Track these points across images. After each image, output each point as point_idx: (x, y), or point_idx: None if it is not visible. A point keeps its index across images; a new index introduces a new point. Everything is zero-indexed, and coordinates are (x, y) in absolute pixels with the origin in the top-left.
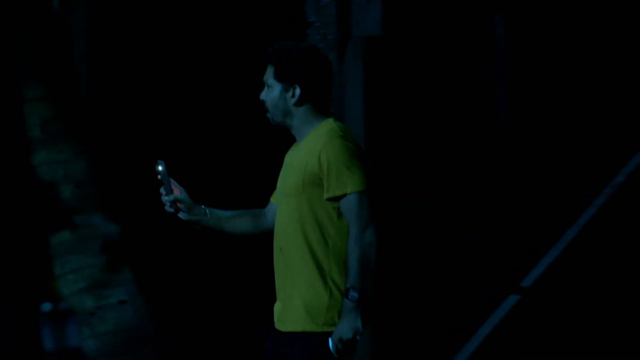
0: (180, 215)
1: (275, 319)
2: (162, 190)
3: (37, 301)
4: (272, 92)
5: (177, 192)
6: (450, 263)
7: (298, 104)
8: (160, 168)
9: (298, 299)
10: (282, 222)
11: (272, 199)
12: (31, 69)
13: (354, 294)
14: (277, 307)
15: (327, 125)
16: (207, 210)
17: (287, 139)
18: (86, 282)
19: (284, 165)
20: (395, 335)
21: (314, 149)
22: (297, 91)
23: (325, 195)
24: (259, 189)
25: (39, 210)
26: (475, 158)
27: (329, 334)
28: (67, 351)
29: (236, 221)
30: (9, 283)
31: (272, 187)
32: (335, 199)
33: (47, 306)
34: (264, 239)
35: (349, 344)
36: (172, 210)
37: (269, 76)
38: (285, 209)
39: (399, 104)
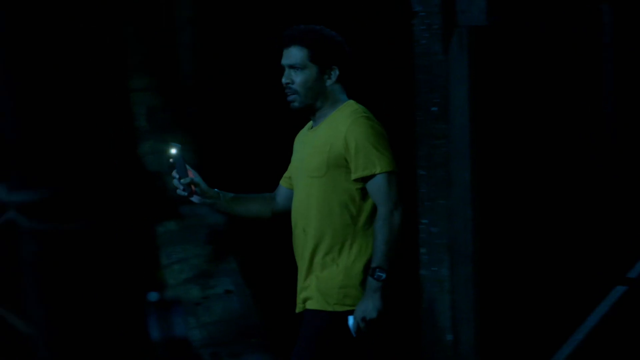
0: (194, 198)
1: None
2: (174, 174)
3: (143, 291)
4: (304, 75)
5: (191, 175)
6: (556, 255)
7: (333, 85)
8: (174, 151)
9: (313, 278)
10: (302, 203)
11: (282, 182)
12: (138, 58)
13: (380, 274)
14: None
15: (350, 107)
16: (220, 194)
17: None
18: (192, 272)
19: (297, 148)
20: (500, 326)
21: (338, 130)
22: (336, 72)
23: (353, 176)
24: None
25: (146, 200)
26: (582, 150)
27: (339, 313)
28: (173, 341)
29: (249, 204)
30: (116, 273)
31: (275, 172)
32: (362, 180)
33: (153, 296)
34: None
35: (373, 323)
36: (185, 194)
37: (298, 58)
38: (306, 190)
39: (503, 95)
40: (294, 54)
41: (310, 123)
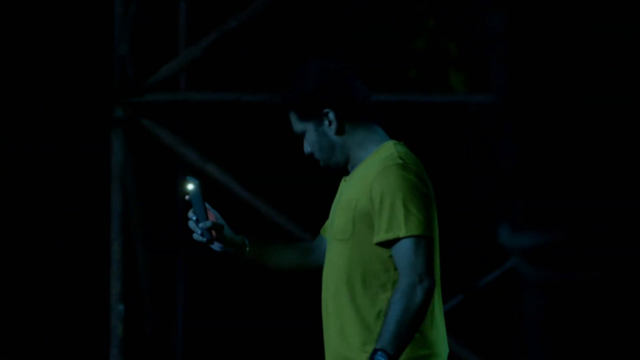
0: (214, 246)
1: None
2: (190, 215)
3: None
4: (308, 136)
5: (212, 217)
6: None
7: (340, 130)
8: (191, 187)
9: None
10: (332, 265)
11: (323, 231)
12: None
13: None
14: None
15: (385, 151)
16: (247, 241)
17: None
18: None
19: (337, 195)
20: None
21: (365, 180)
22: (331, 115)
23: (375, 239)
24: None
25: None
26: None
27: None
28: None
29: (281, 255)
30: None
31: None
32: (385, 244)
33: None
34: None
35: None
36: (203, 239)
37: (296, 123)
38: (334, 252)
39: None
40: (292, 122)
41: None
